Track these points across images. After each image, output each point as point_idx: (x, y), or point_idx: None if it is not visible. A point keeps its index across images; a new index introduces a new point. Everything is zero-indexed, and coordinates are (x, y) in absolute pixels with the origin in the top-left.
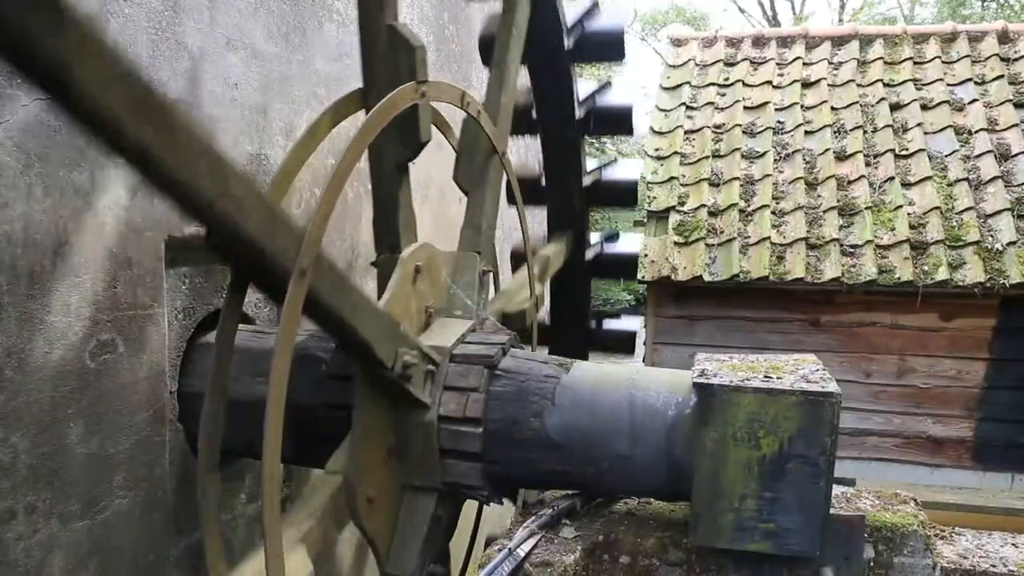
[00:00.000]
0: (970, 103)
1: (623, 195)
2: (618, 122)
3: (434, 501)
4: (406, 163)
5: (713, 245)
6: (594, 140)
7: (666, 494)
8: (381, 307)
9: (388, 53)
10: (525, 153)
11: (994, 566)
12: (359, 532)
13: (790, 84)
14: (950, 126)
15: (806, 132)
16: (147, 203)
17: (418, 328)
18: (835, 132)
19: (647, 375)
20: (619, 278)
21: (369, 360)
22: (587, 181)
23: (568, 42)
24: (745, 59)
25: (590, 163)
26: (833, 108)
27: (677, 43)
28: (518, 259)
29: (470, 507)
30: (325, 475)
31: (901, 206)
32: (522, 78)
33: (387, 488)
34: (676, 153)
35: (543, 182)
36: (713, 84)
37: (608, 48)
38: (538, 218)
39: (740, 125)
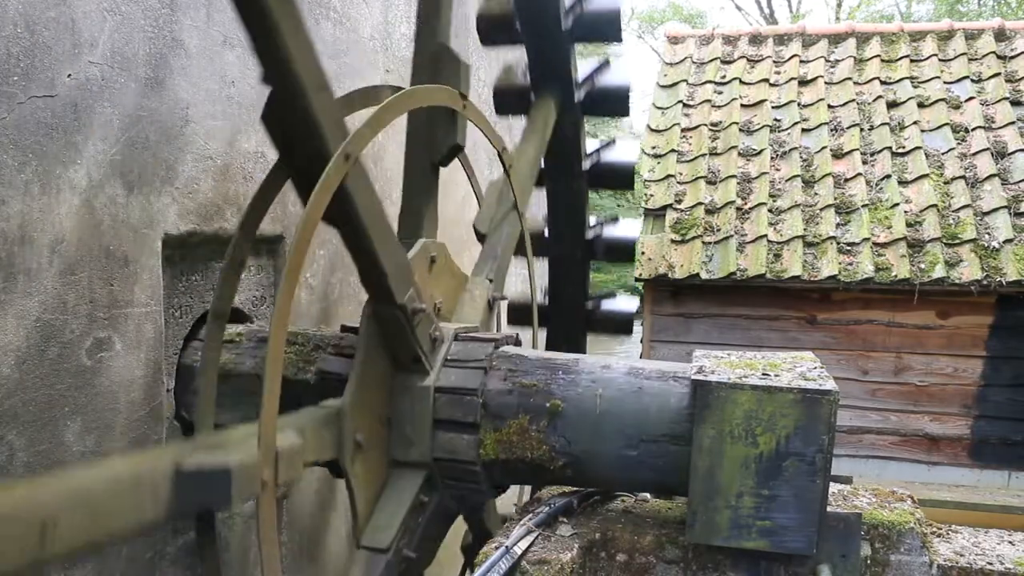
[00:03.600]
0: (967, 101)
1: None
2: (616, 102)
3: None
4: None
5: (710, 243)
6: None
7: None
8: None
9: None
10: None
11: (991, 564)
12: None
13: (787, 82)
14: (947, 124)
15: (803, 130)
16: (144, 201)
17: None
18: (832, 130)
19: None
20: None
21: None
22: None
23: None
24: (742, 57)
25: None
26: (830, 106)
27: (674, 41)
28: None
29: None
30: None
31: (898, 204)
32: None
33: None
34: (673, 151)
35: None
36: (710, 82)
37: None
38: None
39: (737, 123)
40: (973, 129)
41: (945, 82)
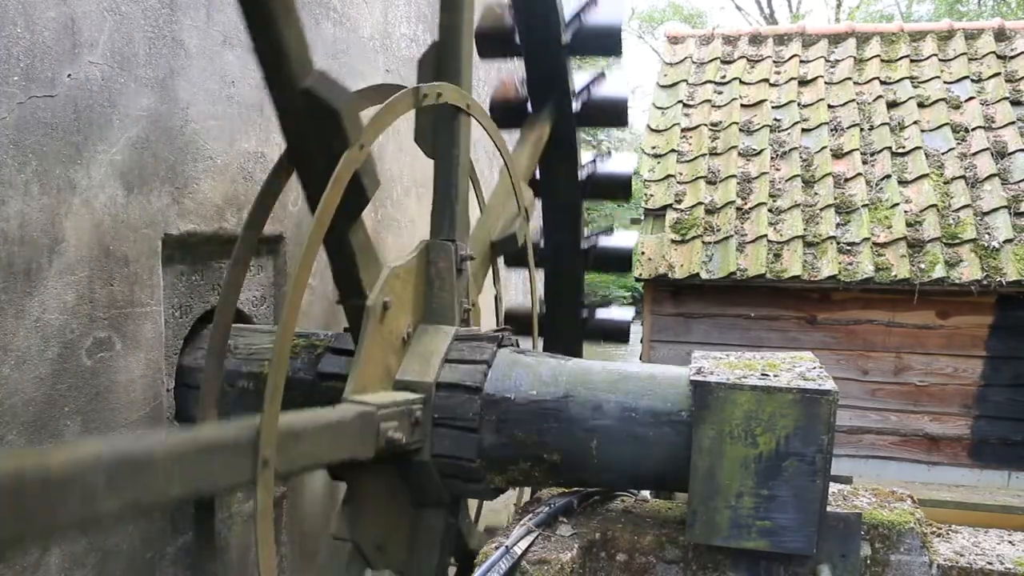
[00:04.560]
0: (967, 101)
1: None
2: (613, 114)
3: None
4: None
5: (710, 243)
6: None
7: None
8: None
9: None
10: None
11: (990, 563)
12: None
13: (787, 82)
14: (947, 124)
15: (803, 130)
16: (144, 200)
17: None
18: (832, 130)
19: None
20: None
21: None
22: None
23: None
24: (742, 57)
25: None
26: (830, 106)
27: (674, 41)
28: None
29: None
30: None
31: (898, 204)
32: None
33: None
34: (673, 151)
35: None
36: (710, 82)
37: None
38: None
39: (737, 123)
40: (973, 129)
41: (945, 82)
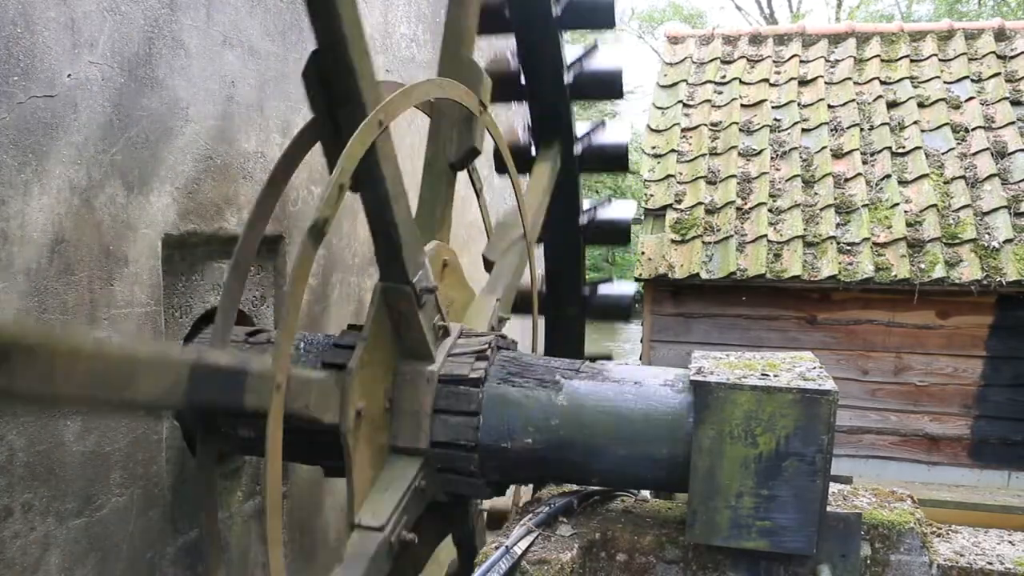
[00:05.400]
0: (967, 101)
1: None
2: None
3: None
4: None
5: (710, 243)
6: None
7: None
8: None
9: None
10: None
11: (990, 563)
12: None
13: (787, 82)
14: (947, 124)
15: (803, 130)
16: (144, 200)
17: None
18: (832, 130)
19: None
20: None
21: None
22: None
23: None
24: (742, 57)
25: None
26: (830, 106)
27: (674, 41)
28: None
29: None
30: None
31: (898, 204)
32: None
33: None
34: (673, 151)
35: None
36: (710, 82)
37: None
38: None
39: (737, 123)
40: (973, 129)
41: (945, 82)
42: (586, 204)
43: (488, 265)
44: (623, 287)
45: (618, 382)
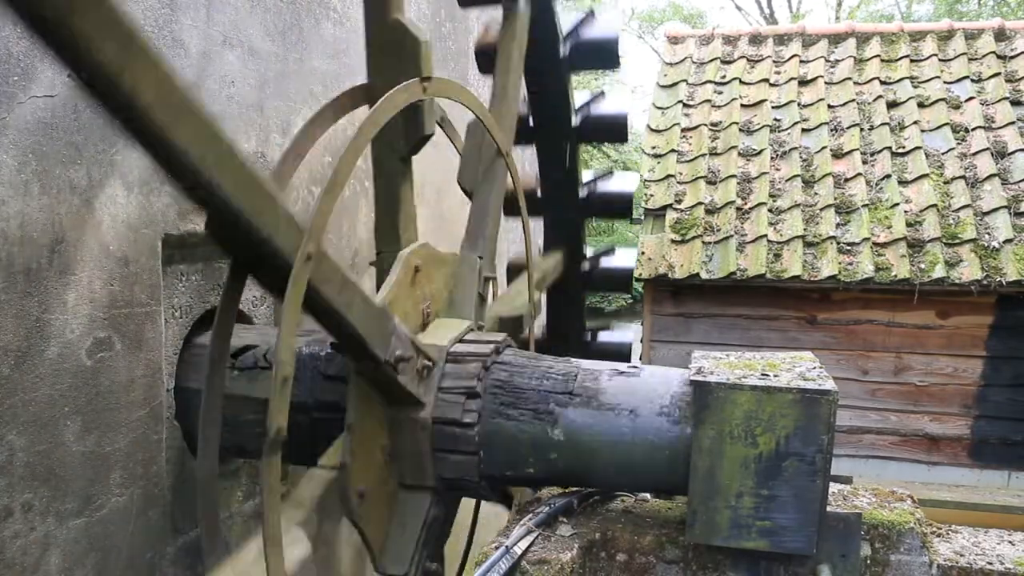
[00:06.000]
0: (967, 101)
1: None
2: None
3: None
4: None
5: (710, 243)
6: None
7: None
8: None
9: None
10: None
11: (990, 563)
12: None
13: (787, 82)
14: (947, 124)
15: (803, 130)
16: (144, 200)
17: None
18: (832, 130)
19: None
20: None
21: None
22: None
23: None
24: (742, 57)
25: (587, 174)
26: (830, 106)
27: (674, 41)
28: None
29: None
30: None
31: (898, 204)
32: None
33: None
34: (673, 151)
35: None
36: (710, 82)
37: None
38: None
39: (737, 123)
40: (973, 129)
41: (945, 82)
42: (587, 176)
43: (469, 195)
44: (624, 257)
45: (613, 410)
